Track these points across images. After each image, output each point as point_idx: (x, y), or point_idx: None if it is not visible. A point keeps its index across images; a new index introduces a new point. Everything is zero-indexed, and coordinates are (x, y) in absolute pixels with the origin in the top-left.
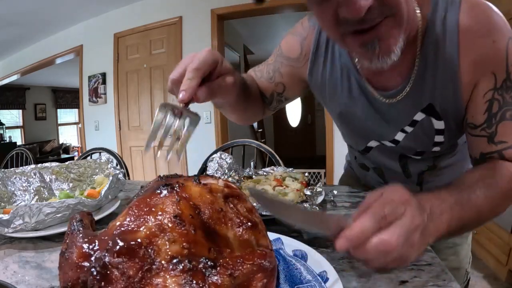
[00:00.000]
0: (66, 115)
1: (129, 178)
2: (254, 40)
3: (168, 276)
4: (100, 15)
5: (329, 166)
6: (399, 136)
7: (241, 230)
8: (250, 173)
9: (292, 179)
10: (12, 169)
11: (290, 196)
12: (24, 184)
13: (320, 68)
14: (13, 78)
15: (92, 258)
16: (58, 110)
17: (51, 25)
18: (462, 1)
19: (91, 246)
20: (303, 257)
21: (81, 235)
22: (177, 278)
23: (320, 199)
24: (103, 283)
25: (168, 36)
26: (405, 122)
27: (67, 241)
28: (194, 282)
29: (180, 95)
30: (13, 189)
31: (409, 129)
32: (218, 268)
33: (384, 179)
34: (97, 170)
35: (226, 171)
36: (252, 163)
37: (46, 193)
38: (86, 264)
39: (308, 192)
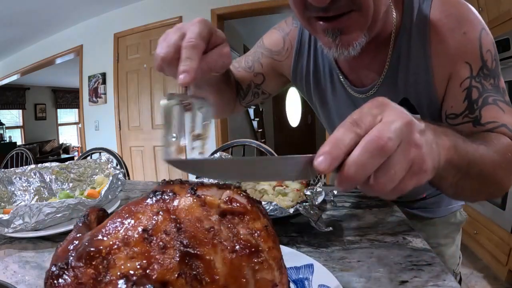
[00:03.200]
0: (66, 115)
1: (129, 178)
2: (254, 40)
3: None
4: (100, 15)
5: None
6: None
7: (234, 255)
8: None
9: None
10: (12, 169)
11: (290, 196)
12: (24, 184)
13: (304, 64)
14: (13, 78)
15: (67, 255)
16: (58, 110)
17: (51, 25)
18: None
19: (74, 243)
20: None
21: (76, 229)
22: None
23: (320, 199)
24: (55, 281)
25: None
26: None
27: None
28: None
29: (182, 77)
30: (13, 189)
31: None
32: None
33: None
34: (97, 170)
35: None
36: None
37: (46, 193)
38: (63, 260)
39: (308, 192)
